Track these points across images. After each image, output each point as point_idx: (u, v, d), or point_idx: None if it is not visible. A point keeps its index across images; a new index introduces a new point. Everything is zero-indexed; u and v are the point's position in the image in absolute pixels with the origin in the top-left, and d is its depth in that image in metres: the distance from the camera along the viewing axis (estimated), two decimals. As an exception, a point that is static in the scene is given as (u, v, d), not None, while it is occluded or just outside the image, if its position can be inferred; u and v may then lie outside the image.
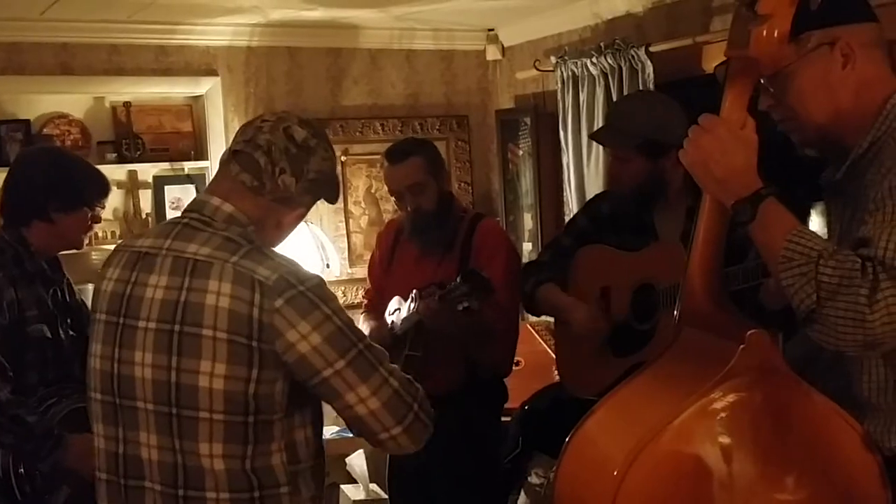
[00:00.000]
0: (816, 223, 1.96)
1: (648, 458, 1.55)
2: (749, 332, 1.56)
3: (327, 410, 1.92)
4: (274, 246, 1.95)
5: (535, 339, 4.63)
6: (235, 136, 1.96)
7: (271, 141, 1.88)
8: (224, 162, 1.93)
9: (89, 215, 2.85)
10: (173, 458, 1.81)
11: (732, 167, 1.63)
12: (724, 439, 1.59)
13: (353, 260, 5.08)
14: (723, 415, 1.58)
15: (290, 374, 1.79)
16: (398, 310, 3.29)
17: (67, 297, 2.91)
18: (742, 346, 1.56)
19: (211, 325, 1.75)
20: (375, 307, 3.49)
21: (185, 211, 1.93)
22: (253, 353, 1.75)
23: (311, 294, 1.78)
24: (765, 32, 1.60)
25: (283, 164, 1.88)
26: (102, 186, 2.88)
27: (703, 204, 1.72)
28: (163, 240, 1.87)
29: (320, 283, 1.83)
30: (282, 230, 1.98)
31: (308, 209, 2.00)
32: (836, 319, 1.51)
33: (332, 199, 2.04)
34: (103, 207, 2.92)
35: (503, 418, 3.49)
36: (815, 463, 1.62)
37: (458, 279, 2.96)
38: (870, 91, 1.72)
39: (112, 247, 4.54)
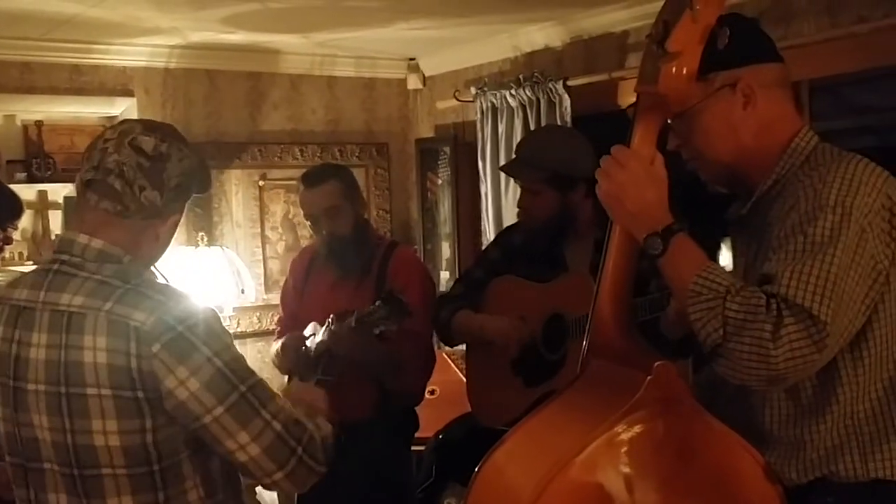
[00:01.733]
0: (727, 258, 2.00)
1: (557, 488, 1.55)
2: (656, 364, 1.58)
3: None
4: (157, 259, 1.88)
5: (450, 368, 4.63)
6: (83, 163, 1.82)
7: (120, 161, 1.76)
8: (79, 193, 1.82)
9: (1, 237, 2.78)
10: None
11: (645, 201, 1.66)
12: (630, 469, 1.60)
13: (269, 286, 5.03)
14: (629, 445, 1.59)
15: (175, 419, 1.73)
16: (314, 335, 3.26)
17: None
18: (649, 378, 1.58)
19: (94, 384, 1.69)
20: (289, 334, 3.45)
21: (56, 252, 1.83)
22: (141, 405, 1.69)
23: (189, 335, 1.70)
24: (674, 70, 1.62)
25: (142, 181, 1.77)
26: (16, 207, 2.81)
27: (612, 236, 1.74)
28: (37, 291, 1.78)
29: (203, 319, 1.73)
30: (160, 242, 1.88)
31: (182, 212, 1.90)
32: (741, 354, 1.54)
33: (203, 190, 1.93)
34: (16, 228, 2.85)
35: (413, 447, 3.48)
36: (717, 493, 1.64)
37: (377, 302, 2.95)
38: (772, 130, 1.77)
39: (20, 268, 4.43)
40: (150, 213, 1.80)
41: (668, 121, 1.76)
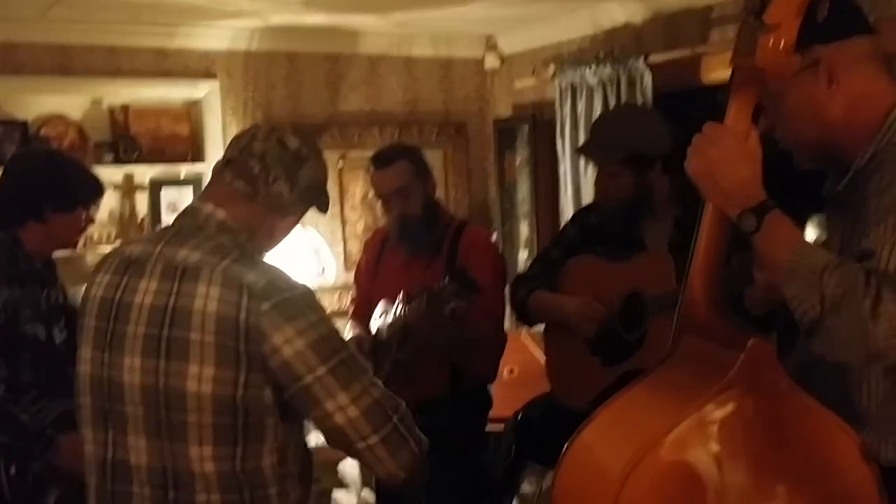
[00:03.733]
0: (811, 236, 1.96)
1: (647, 467, 1.54)
2: (750, 342, 1.56)
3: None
4: (264, 254, 1.96)
5: (527, 348, 4.62)
6: (229, 145, 2.00)
7: (265, 149, 1.92)
8: (218, 170, 1.96)
9: (84, 216, 2.85)
10: (161, 462, 1.81)
11: (738, 178, 1.63)
12: (722, 449, 1.58)
13: (348, 265, 5.06)
14: (721, 424, 1.57)
15: (275, 380, 1.78)
16: (385, 313, 3.29)
17: (61, 299, 2.90)
18: (743, 356, 1.55)
19: (199, 329, 1.76)
20: (362, 314, 3.47)
21: (178, 217, 1.95)
22: (240, 357, 1.75)
23: (298, 300, 1.79)
24: (771, 42, 1.59)
25: (277, 171, 1.91)
26: (97, 187, 2.89)
27: (704, 213, 1.71)
28: (153, 245, 1.88)
29: (307, 291, 1.84)
30: (273, 238, 1.99)
31: (300, 218, 2.02)
32: (839, 332, 1.51)
33: (323, 209, 2.06)
34: (98, 208, 2.92)
35: (488, 426, 3.49)
36: (811, 473, 1.61)
37: (445, 279, 2.96)
38: (864, 105, 1.72)
39: (108, 248, 4.54)
40: (275, 203, 1.92)
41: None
